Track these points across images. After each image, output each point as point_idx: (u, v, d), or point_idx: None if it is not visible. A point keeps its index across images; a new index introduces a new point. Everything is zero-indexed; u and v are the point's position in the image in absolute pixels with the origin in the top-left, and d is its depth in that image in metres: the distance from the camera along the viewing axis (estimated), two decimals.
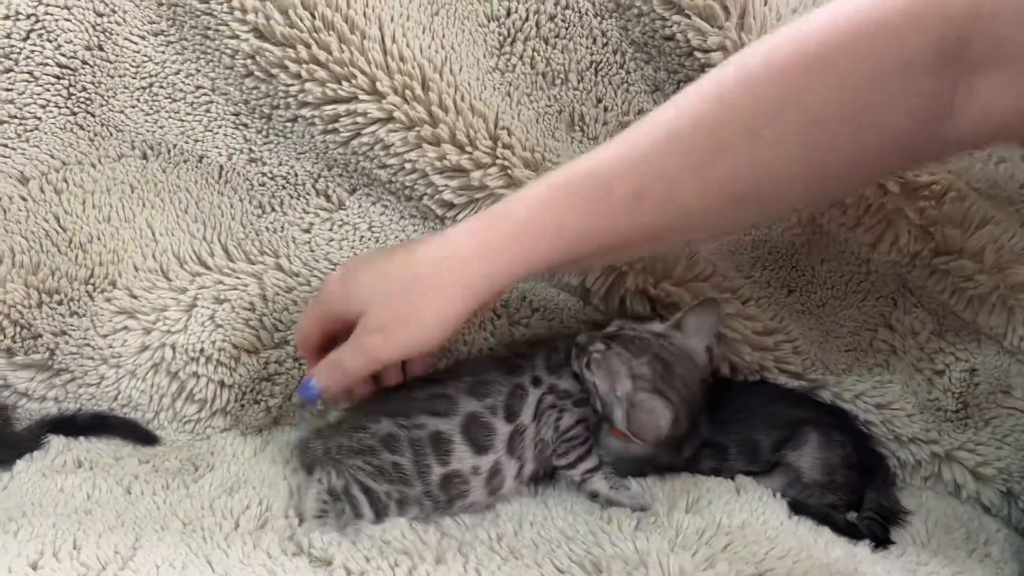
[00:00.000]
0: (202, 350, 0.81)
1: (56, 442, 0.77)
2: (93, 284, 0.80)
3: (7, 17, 0.78)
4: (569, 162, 0.63)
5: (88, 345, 0.79)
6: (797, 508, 0.67)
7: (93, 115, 0.82)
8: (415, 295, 0.63)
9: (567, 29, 0.81)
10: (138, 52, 0.81)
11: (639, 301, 0.79)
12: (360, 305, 0.65)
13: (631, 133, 0.61)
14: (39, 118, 0.81)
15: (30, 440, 0.76)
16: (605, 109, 0.83)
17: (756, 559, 0.58)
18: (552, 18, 0.81)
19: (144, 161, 0.83)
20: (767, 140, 0.56)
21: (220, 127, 0.83)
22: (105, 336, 0.80)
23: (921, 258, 0.77)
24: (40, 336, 0.79)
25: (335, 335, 0.68)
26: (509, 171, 0.77)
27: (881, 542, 0.67)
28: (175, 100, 0.82)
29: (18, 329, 0.79)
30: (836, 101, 0.55)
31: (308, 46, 0.75)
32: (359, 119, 0.77)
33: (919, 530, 0.70)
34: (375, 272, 0.66)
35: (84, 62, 0.81)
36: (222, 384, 0.81)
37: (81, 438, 0.79)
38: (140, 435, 0.80)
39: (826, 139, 0.56)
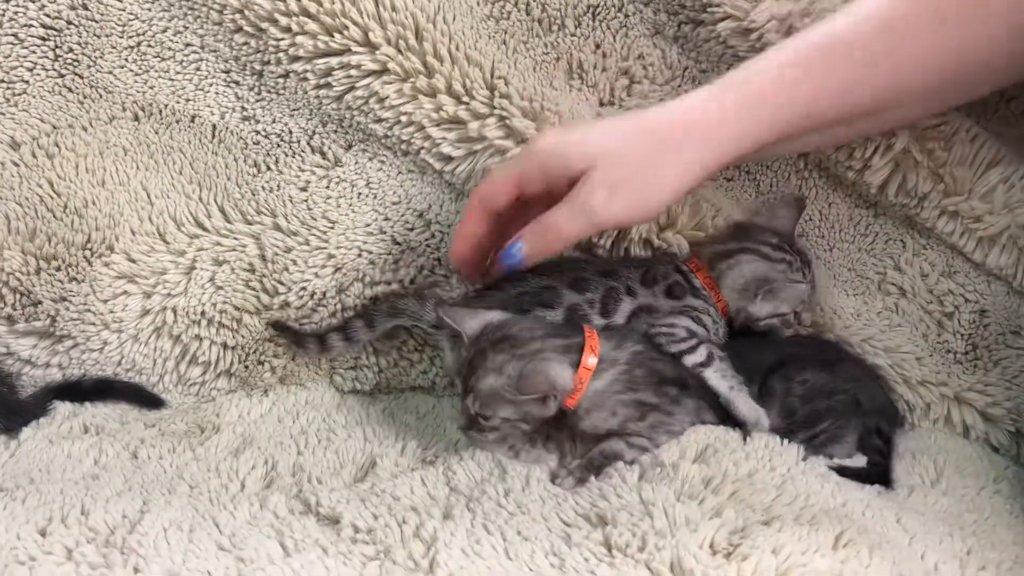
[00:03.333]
0: (203, 312, 0.80)
1: (62, 408, 0.77)
2: (91, 249, 0.80)
3: None
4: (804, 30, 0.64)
5: (89, 311, 0.79)
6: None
7: (81, 77, 0.80)
8: (653, 154, 0.60)
9: None
10: (123, 10, 0.79)
11: (642, 250, 0.78)
12: (585, 161, 0.60)
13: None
14: (26, 81, 0.80)
15: (35, 407, 0.77)
16: (604, 55, 0.81)
17: (763, 506, 0.57)
18: None
19: (136, 123, 0.81)
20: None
21: (211, 85, 0.81)
22: (105, 301, 0.79)
23: (930, 199, 0.76)
24: (40, 303, 0.79)
25: (528, 202, 0.65)
26: (507, 121, 0.75)
27: (882, 482, 0.67)
28: (164, 59, 0.81)
29: (18, 296, 0.78)
30: None
31: None
32: (352, 72, 0.75)
33: (928, 470, 0.70)
34: (603, 128, 0.63)
35: (69, 22, 0.79)
36: (225, 346, 0.81)
37: (87, 404, 0.79)
38: (145, 399, 0.80)
39: None
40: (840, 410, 0.71)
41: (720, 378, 0.69)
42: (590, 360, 0.65)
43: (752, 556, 0.51)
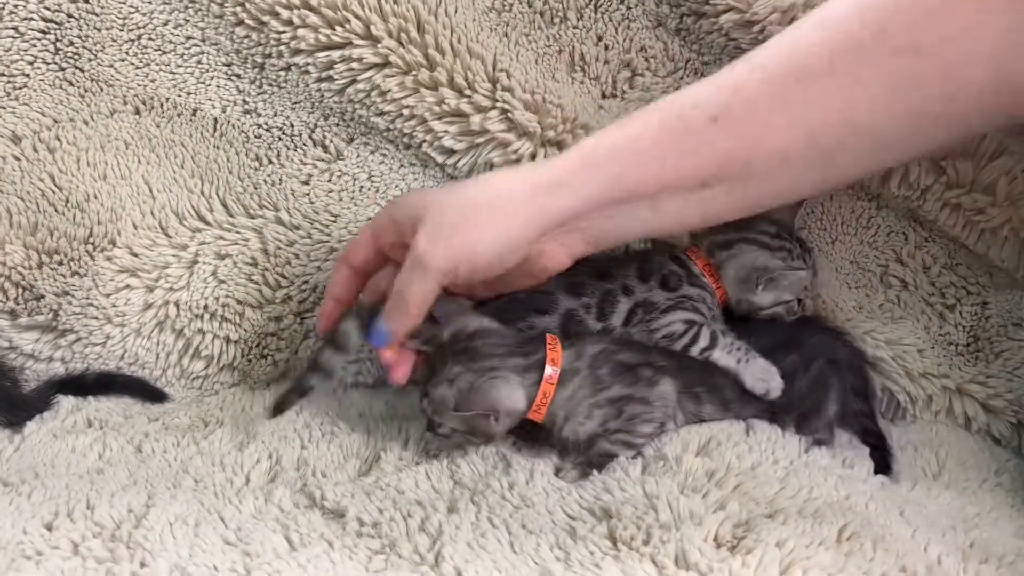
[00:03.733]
0: (206, 306, 0.80)
1: (65, 403, 0.77)
2: (93, 243, 0.80)
3: None
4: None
5: (91, 305, 0.79)
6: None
7: (82, 70, 0.80)
8: (471, 210, 0.62)
9: None
10: (124, 3, 0.79)
11: (644, 243, 0.78)
12: (415, 213, 0.62)
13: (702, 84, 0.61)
14: (27, 75, 0.79)
15: (39, 401, 0.77)
16: (606, 47, 0.81)
17: (767, 499, 0.58)
18: None
19: (137, 116, 0.81)
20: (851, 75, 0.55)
21: (212, 79, 0.81)
22: (108, 295, 0.79)
23: (932, 192, 0.75)
24: (43, 297, 0.79)
25: (384, 257, 0.67)
26: (510, 114, 0.75)
27: (880, 470, 0.68)
28: (165, 52, 0.80)
29: (20, 291, 0.78)
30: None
31: None
32: (354, 65, 0.75)
33: (930, 463, 0.71)
34: (431, 192, 0.65)
35: (69, 15, 0.79)
36: (228, 340, 0.81)
37: (90, 398, 0.79)
38: (149, 393, 0.80)
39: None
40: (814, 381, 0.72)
41: (727, 355, 0.69)
42: (548, 371, 0.65)
43: (756, 549, 0.51)
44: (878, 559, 0.51)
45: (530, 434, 0.70)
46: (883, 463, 0.69)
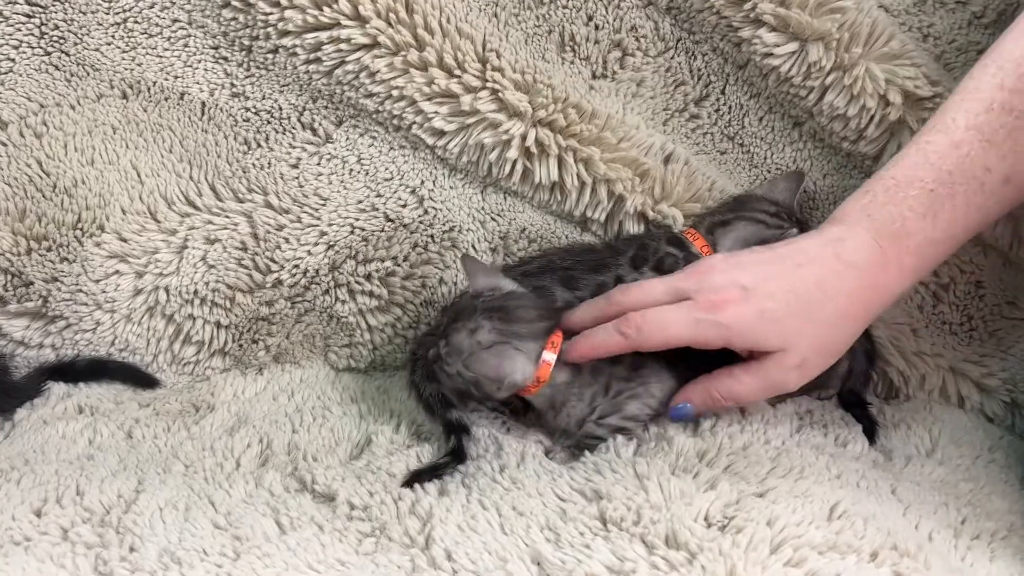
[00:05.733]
0: (196, 291, 0.80)
1: (56, 389, 0.77)
2: (81, 229, 0.79)
3: None
4: (912, 153, 0.63)
5: (81, 291, 0.79)
6: None
7: (68, 54, 0.79)
8: (839, 328, 0.62)
9: None
10: None
11: (636, 224, 0.78)
12: (782, 343, 0.60)
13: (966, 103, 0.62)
14: (12, 60, 0.79)
15: (29, 388, 0.76)
16: (596, 27, 0.80)
17: (758, 479, 0.57)
18: None
19: (124, 101, 0.80)
20: None
21: (200, 62, 0.80)
22: (97, 281, 0.79)
23: None
24: (32, 283, 0.78)
25: None
26: (500, 94, 0.74)
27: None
28: (151, 35, 0.79)
29: (9, 277, 0.78)
30: None
31: None
32: (342, 46, 0.75)
33: (924, 440, 0.70)
34: (788, 305, 0.60)
35: None
36: (219, 325, 0.81)
37: (81, 384, 0.79)
38: (140, 379, 0.80)
39: None
40: None
41: None
42: (547, 356, 0.64)
43: (747, 528, 0.51)
44: (869, 536, 0.51)
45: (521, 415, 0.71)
46: (869, 430, 0.70)
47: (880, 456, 0.68)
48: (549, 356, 0.64)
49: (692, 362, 0.65)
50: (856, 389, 0.73)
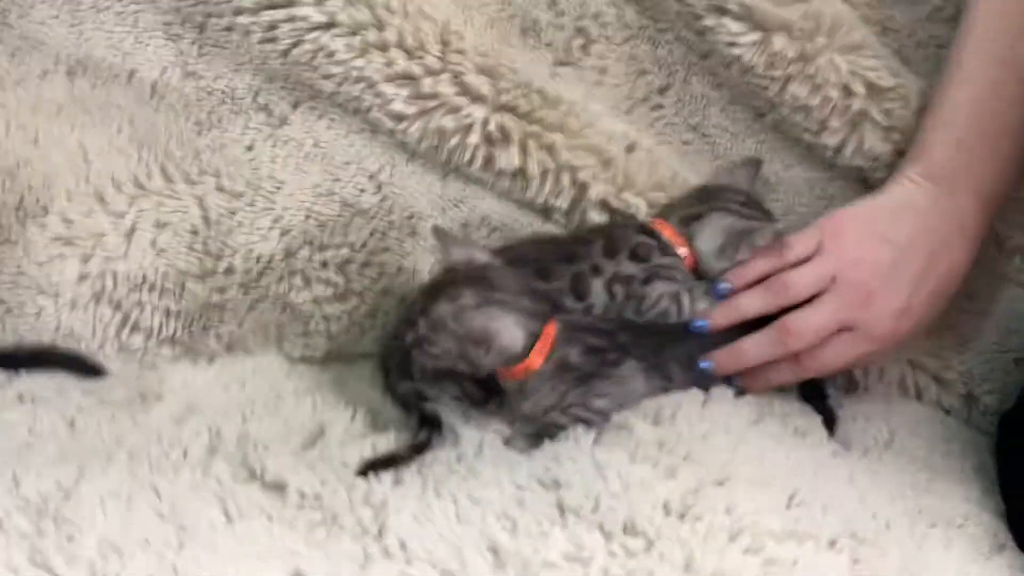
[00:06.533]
0: (144, 277, 0.77)
1: None
2: (24, 211, 0.76)
3: None
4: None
5: (23, 275, 0.76)
6: None
7: (11, 27, 0.76)
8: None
9: None
10: None
11: (600, 212, 0.77)
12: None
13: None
14: None
15: None
16: (559, 13, 0.80)
17: (717, 467, 0.57)
18: None
19: (70, 78, 0.78)
20: None
21: (151, 39, 0.78)
22: (40, 265, 0.76)
23: (882, 159, 0.75)
24: None
25: None
26: (462, 77, 0.73)
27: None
28: (100, 10, 0.77)
29: None
30: None
31: None
32: (299, 24, 0.73)
33: (881, 432, 0.71)
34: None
35: None
36: (168, 312, 0.78)
37: (22, 372, 0.75)
38: (85, 368, 0.77)
39: None
40: None
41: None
42: (540, 349, 0.64)
43: (705, 516, 0.51)
44: (827, 524, 0.51)
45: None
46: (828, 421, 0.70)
47: (839, 447, 0.68)
48: (542, 349, 0.64)
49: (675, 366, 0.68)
50: (816, 381, 0.73)
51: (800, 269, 0.68)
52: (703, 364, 0.68)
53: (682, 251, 0.72)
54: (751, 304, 0.69)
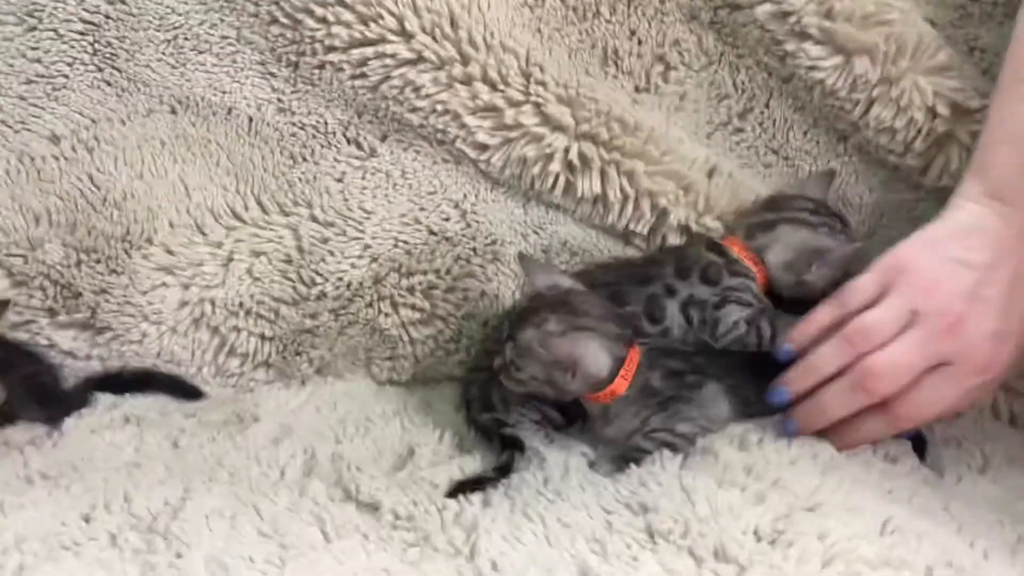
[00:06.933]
0: (241, 304, 0.80)
1: (103, 399, 0.78)
2: (130, 241, 0.80)
3: None
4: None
5: (128, 303, 0.80)
6: None
7: (120, 71, 0.81)
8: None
9: None
10: (160, 4, 0.80)
11: (680, 237, 0.78)
12: None
13: None
14: (66, 76, 0.80)
15: (77, 398, 0.77)
16: (639, 42, 0.80)
17: (807, 493, 0.56)
18: None
19: (173, 115, 0.82)
20: None
21: (247, 77, 0.81)
22: (144, 293, 0.80)
23: None
24: (81, 295, 0.79)
25: None
26: (543, 108, 0.75)
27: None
28: (201, 52, 0.81)
29: (59, 289, 0.79)
30: None
31: None
32: (388, 61, 0.76)
33: (975, 458, 0.68)
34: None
35: (107, 16, 0.80)
36: (263, 337, 0.81)
37: (127, 395, 0.79)
38: (185, 390, 0.80)
39: None
40: None
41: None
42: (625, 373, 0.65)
43: (798, 542, 0.50)
44: (923, 552, 0.50)
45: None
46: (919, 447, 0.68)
47: (931, 474, 0.66)
48: (627, 374, 0.65)
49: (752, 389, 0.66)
50: None
51: (874, 310, 0.61)
52: (787, 425, 0.64)
53: (753, 268, 0.72)
54: (828, 360, 0.62)
